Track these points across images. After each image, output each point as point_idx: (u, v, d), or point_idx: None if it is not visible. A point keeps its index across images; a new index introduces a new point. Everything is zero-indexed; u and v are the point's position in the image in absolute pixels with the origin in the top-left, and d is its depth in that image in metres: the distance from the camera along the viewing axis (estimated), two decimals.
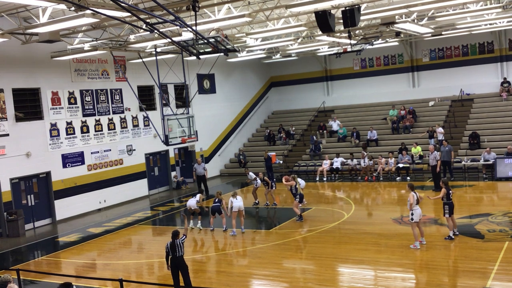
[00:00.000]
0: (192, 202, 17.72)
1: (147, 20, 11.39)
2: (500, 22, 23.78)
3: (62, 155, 21.62)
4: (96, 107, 23.24)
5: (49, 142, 21.11)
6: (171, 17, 12.16)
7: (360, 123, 30.51)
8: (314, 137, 29.72)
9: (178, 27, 14.14)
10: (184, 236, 11.66)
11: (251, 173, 21.63)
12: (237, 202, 16.56)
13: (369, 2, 16.70)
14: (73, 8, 12.45)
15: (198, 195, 18.31)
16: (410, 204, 13.52)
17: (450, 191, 14.13)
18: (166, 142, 20.14)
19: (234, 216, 16.66)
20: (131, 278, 12.93)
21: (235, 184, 27.25)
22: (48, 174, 21.10)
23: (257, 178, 20.84)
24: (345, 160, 26.44)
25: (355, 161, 26.06)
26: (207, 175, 25.09)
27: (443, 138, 24.81)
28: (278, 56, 30.60)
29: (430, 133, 26.62)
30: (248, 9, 17.38)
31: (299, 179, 18.95)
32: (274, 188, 21.60)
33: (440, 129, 26.06)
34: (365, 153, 25.44)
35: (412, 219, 13.57)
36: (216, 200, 17.32)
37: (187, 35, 16.37)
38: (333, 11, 15.57)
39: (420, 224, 13.83)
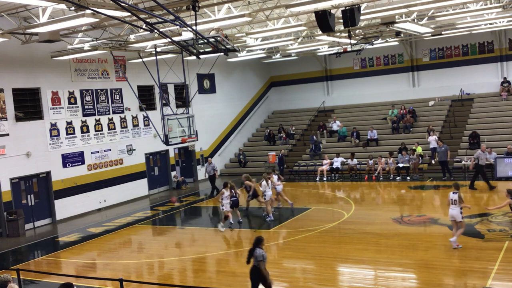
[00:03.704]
0: (227, 207, 17.19)
1: (147, 20, 11.40)
2: (500, 22, 23.78)
3: (62, 155, 21.62)
4: (96, 107, 23.23)
5: (49, 142, 21.11)
6: (171, 17, 12.16)
7: (360, 123, 30.51)
8: (314, 137, 29.71)
9: (178, 26, 14.15)
10: None
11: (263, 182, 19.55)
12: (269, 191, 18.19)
13: (369, 1, 16.70)
14: (73, 8, 12.44)
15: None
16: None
17: None
18: (166, 142, 20.15)
19: (269, 203, 18.19)
20: (131, 278, 12.93)
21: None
22: (48, 174, 21.10)
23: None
24: (345, 160, 26.45)
25: (355, 160, 26.07)
26: (217, 175, 25.02)
27: (436, 145, 24.48)
28: (278, 56, 30.59)
29: (429, 130, 26.61)
30: (248, 8, 17.38)
31: (276, 181, 19.18)
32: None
33: (434, 137, 25.18)
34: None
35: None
36: (234, 193, 17.55)
37: (187, 35, 16.37)
38: (333, 11, 15.57)
39: (455, 225, 13.42)
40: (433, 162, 24.65)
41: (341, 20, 15.17)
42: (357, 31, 22.46)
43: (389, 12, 17.24)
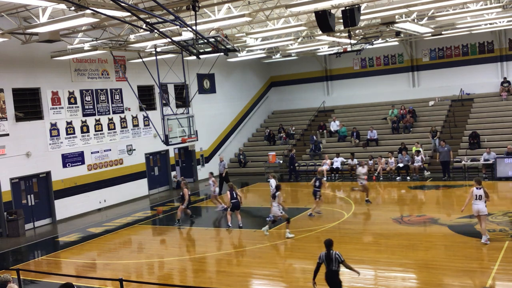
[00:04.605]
0: (275, 209, 16.03)
1: (147, 20, 11.40)
2: (500, 22, 23.78)
3: (62, 155, 21.62)
4: (96, 107, 23.23)
5: (49, 142, 21.11)
6: (171, 17, 12.15)
7: (360, 123, 30.51)
8: (314, 137, 29.72)
9: (178, 26, 14.14)
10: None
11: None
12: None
13: (369, 1, 16.69)
14: (73, 8, 12.45)
15: (277, 197, 16.07)
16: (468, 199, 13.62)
17: None
18: (166, 142, 20.16)
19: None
20: (131, 278, 12.93)
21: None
22: (48, 174, 21.10)
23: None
24: (345, 160, 26.45)
25: (355, 160, 26.07)
26: (224, 174, 24.91)
27: (421, 164, 24.39)
28: (278, 56, 30.59)
29: (433, 133, 26.48)
30: (248, 8, 17.38)
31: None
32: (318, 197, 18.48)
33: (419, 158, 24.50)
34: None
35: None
36: (235, 195, 17.18)
37: (187, 35, 16.37)
38: (333, 11, 15.57)
39: (481, 220, 13.50)
40: (426, 173, 24.61)
41: (341, 20, 15.17)
42: (357, 31, 22.45)
43: (389, 12, 17.24)
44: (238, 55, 27.19)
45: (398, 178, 24.39)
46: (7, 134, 19.55)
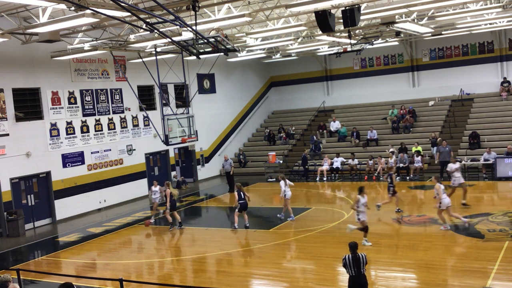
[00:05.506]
0: (364, 217, 14.23)
1: (147, 20, 11.40)
2: (500, 22, 23.79)
3: (62, 155, 21.62)
4: (96, 107, 23.23)
5: (49, 142, 21.11)
6: (171, 17, 12.16)
7: (360, 123, 30.51)
8: (314, 137, 29.72)
9: (178, 26, 14.14)
10: None
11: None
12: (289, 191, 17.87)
13: (369, 1, 16.70)
14: (73, 8, 12.44)
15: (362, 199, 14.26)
16: (437, 193, 15.00)
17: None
18: (166, 142, 20.16)
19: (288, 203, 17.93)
20: (131, 278, 12.93)
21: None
22: (48, 174, 21.10)
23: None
24: (345, 160, 26.46)
25: (356, 160, 26.08)
26: (232, 172, 24.89)
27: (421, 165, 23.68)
28: (278, 56, 30.59)
29: (432, 140, 25.70)
30: (248, 8, 17.39)
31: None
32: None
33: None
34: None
35: (439, 207, 14.98)
36: (243, 196, 16.99)
37: (187, 35, 16.38)
38: (333, 11, 15.57)
39: (448, 211, 15.02)
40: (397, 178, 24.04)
41: (341, 20, 15.17)
42: (357, 31, 22.45)
43: (389, 12, 17.24)
44: (238, 55, 27.18)
45: (398, 178, 24.37)
46: (7, 134, 19.55)
